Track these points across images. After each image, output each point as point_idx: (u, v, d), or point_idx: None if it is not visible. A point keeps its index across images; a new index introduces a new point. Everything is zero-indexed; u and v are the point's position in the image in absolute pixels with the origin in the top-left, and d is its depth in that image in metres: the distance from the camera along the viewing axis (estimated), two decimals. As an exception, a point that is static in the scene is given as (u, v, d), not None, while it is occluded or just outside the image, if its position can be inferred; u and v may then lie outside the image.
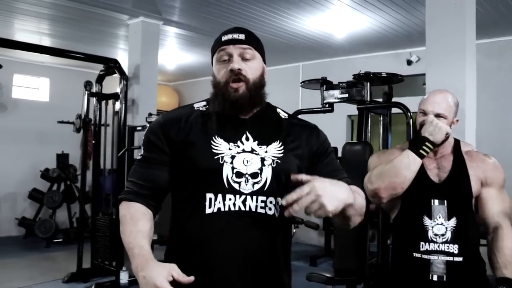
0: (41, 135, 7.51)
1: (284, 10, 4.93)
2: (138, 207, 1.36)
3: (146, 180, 1.38)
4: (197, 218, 1.32)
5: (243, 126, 1.39)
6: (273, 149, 1.37)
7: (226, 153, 1.33)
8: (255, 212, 1.32)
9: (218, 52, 1.39)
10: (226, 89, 1.36)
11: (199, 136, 1.37)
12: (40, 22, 5.71)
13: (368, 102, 2.83)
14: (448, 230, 1.90)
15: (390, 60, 6.50)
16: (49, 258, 6.05)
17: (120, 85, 4.98)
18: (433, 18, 2.96)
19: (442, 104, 1.96)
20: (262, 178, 1.33)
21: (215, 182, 1.31)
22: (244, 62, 1.37)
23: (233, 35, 1.39)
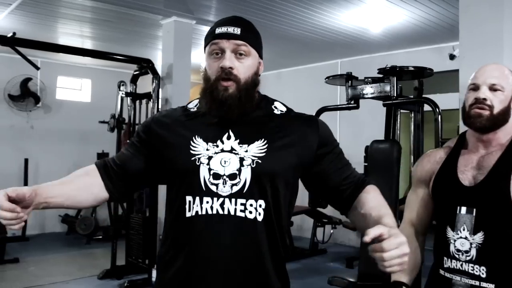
0: (83, 135, 7.71)
1: (316, 5, 4.81)
2: (92, 169, 1.37)
3: (121, 160, 1.39)
4: (179, 221, 1.28)
5: (228, 125, 1.31)
6: (254, 148, 1.28)
7: (203, 154, 1.27)
8: (234, 216, 1.24)
9: (210, 45, 1.31)
10: (216, 87, 1.28)
11: (179, 136, 1.32)
12: (82, 26, 5.87)
13: (395, 98, 2.68)
14: (473, 247, 1.53)
15: (431, 55, 6.23)
16: (88, 255, 6.20)
17: (152, 85, 5.01)
18: (467, 7, 2.77)
19: (495, 72, 1.58)
20: (241, 180, 1.25)
21: (193, 184, 1.26)
22: (237, 59, 1.29)
23: (228, 28, 1.29)
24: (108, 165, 1.38)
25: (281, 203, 1.31)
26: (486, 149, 1.62)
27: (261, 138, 1.29)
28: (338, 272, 5.45)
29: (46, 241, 6.93)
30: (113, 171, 1.37)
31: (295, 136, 1.33)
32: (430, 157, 1.77)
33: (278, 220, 1.30)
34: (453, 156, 1.68)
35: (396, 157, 2.56)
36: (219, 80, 1.27)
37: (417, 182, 1.78)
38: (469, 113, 1.60)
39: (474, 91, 1.61)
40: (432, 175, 1.72)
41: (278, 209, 1.30)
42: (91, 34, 6.30)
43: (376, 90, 2.73)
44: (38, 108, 7.48)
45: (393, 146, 2.60)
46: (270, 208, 1.27)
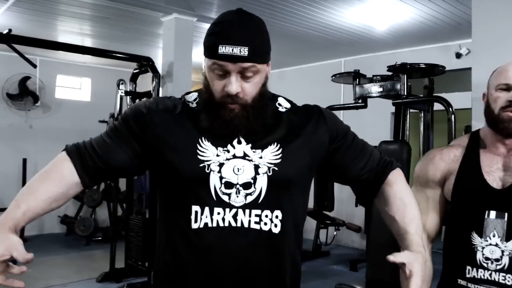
0: (83, 134, 7.29)
1: (321, 2, 4.69)
2: (66, 167, 1.18)
3: (102, 150, 1.19)
4: (183, 233, 1.15)
5: (237, 127, 1.17)
6: (269, 153, 1.17)
7: (213, 160, 1.14)
8: (248, 228, 1.12)
9: (212, 64, 1.12)
10: (220, 107, 1.14)
11: (184, 137, 1.17)
12: (82, 23, 5.77)
13: (405, 97, 2.56)
14: (506, 255, 1.42)
15: (437, 54, 6.10)
16: (87, 257, 6.09)
17: (152, 84, 4.90)
18: (480, 4, 2.65)
19: None
20: (256, 189, 1.13)
21: (201, 194, 1.13)
22: (244, 80, 1.13)
23: (234, 48, 1.08)
24: (84, 154, 1.19)
25: (297, 212, 1.21)
26: (507, 150, 1.53)
27: (273, 142, 1.18)
28: (342, 275, 5.34)
29: (44, 242, 6.82)
30: (92, 161, 1.18)
31: (306, 134, 1.23)
32: (442, 155, 1.63)
33: (295, 231, 1.20)
34: (472, 155, 1.56)
35: (406, 158, 2.45)
36: (223, 103, 1.14)
37: (427, 182, 1.64)
38: (501, 116, 1.49)
39: (507, 92, 1.50)
40: (447, 174, 1.59)
41: (294, 219, 1.20)
42: (90, 32, 6.20)
43: (385, 89, 2.62)
44: (36, 107, 7.37)
45: (402, 147, 2.48)
46: (286, 218, 1.16)
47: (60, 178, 1.17)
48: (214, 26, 1.16)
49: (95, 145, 1.20)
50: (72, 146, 1.21)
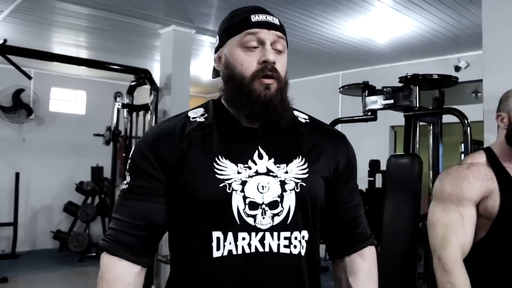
0: (77, 148, 7.49)
1: (321, 14, 4.65)
2: (121, 271, 1.03)
3: (138, 218, 1.05)
4: (203, 263, 1.02)
5: (254, 139, 1.08)
6: (295, 168, 1.06)
7: (234, 178, 1.02)
8: (278, 253, 1.01)
9: (245, 35, 1.06)
10: (254, 86, 1.04)
11: (198, 156, 1.05)
12: (78, 35, 5.70)
13: (417, 109, 2.49)
14: None
15: (436, 67, 6.08)
16: (81, 273, 5.93)
17: (150, 96, 4.82)
18: (491, 11, 2.59)
19: None
20: (284, 208, 1.02)
21: (223, 217, 1.01)
22: (276, 55, 1.07)
23: (266, 16, 1.07)
24: (124, 239, 1.05)
25: (318, 230, 1.12)
26: None
27: (298, 156, 1.08)
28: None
29: (37, 259, 6.66)
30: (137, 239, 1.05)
31: (329, 152, 1.14)
32: (475, 173, 1.59)
33: (317, 250, 1.11)
34: (503, 173, 1.56)
35: (417, 172, 2.37)
36: (258, 77, 1.04)
37: (461, 200, 1.58)
38: None
39: None
40: (485, 193, 1.56)
41: (317, 238, 1.11)
42: (86, 44, 6.12)
43: (396, 100, 2.54)
44: (30, 120, 7.24)
45: (414, 161, 2.40)
46: (311, 238, 1.07)
47: (121, 284, 1.03)
48: (233, 11, 1.14)
49: (127, 218, 1.06)
50: (108, 240, 1.06)
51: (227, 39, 1.10)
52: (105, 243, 1.06)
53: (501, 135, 1.64)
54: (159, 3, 4.56)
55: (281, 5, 4.44)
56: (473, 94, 6.58)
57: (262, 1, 4.34)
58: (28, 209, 7.19)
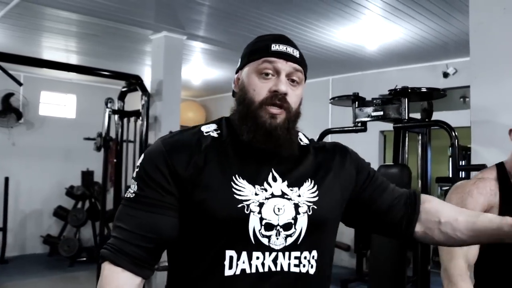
0: (67, 152, 7.46)
1: (312, 21, 4.69)
2: (123, 282, 1.02)
3: (145, 229, 1.03)
4: (212, 280, 1.03)
5: (267, 161, 1.10)
6: (306, 191, 1.09)
7: (252, 200, 1.03)
8: (288, 272, 1.04)
9: (262, 62, 1.09)
10: (261, 113, 1.07)
11: (215, 174, 1.05)
12: (68, 40, 5.68)
13: (406, 121, 2.54)
14: None
15: (425, 73, 6.17)
16: (71, 279, 5.92)
17: (141, 102, 4.82)
18: (478, 25, 2.65)
19: None
20: (296, 230, 1.05)
21: (239, 237, 1.02)
22: (290, 86, 1.09)
23: (287, 47, 1.10)
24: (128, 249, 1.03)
25: (330, 249, 1.15)
26: None
27: (308, 179, 1.11)
28: (333, 296, 5.26)
29: (26, 264, 6.62)
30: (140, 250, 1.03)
31: (336, 168, 1.18)
32: (479, 189, 1.66)
33: (328, 268, 1.14)
34: (509, 188, 1.62)
35: (406, 182, 2.42)
36: (266, 105, 1.07)
37: None
38: None
39: None
40: (488, 208, 1.62)
41: (328, 256, 1.14)
42: (76, 49, 6.11)
43: (386, 112, 2.59)
44: (20, 124, 7.21)
45: (403, 171, 2.45)
46: (322, 257, 1.10)
47: None
48: (259, 37, 1.17)
49: (133, 229, 1.04)
50: (111, 249, 1.03)
51: (247, 63, 1.13)
52: (108, 252, 1.03)
53: None
54: (150, 10, 4.58)
55: (272, 12, 4.47)
56: (461, 99, 6.67)
57: (254, 9, 4.39)
58: (17, 213, 7.14)
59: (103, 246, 1.06)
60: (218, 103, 9.15)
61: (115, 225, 1.07)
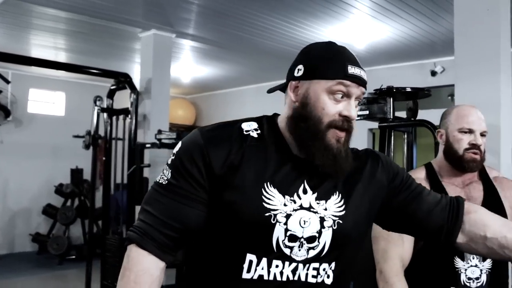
0: (56, 150, 7.43)
1: (300, 20, 4.72)
2: (149, 265, 1.04)
3: (173, 218, 1.05)
4: (229, 282, 1.04)
5: (301, 172, 1.08)
6: (333, 205, 1.08)
7: (280, 210, 1.03)
8: (305, 282, 1.05)
9: (337, 83, 1.05)
10: (328, 135, 1.05)
11: (248, 178, 1.04)
12: (56, 37, 5.66)
13: (391, 120, 2.57)
14: (484, 273, 1.63)
15: (413, 71, 6.22)
16: (60, 277, 5.91)
17: (130, 100, 4.82)
18: (462, 25, 2.69)
19: (482, 119, 1.73)
20: (320, 243, 1.05)
21: (261, 244, 1.03)
22: (355, 109, 1.09)
23: (361, 71, 1.08)
24: (155, 235, 1.04)
25: (353, 261, 1.15)
26: (463, 181, 1.75)
27: (335, 192, 1.09)
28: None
29: (15, 262, 6.60)
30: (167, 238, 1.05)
31: (365, 179, 1.15)
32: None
33: (347, 279, 1.15)
34: (439, 188, 1.69)
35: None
36: (333, 127, 1.06)
37: None
38: (464, 157, 1.70)
39: (469, 134, 1.71)
40: None
41: (349, 268, 1.14)
42: (65, 46, 6.09)
43: (371, 111, 2.62)
44: (8, 122, 7.16)
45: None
46: (340, 269, 1.10)
47: (149, 278, 1.04)
48: (330, 51, 1.11)
49: (162, 216, 1.05)
50: (138, 232, 1.05)
51: (318, 78, 1.08)
52: (135, 235, 1.05)
53: (441, 151, 1.80)
54: (139, 8, 4.57)
55: (262, 11, 4.49)
56: (449, 97, 6.72)
57: (243, 8, 4.40)
58: (6, 211, 7.11)
59: (130, 228, 1.08)
60: (208, 101, 9.14)
61: (143, 208, 1.09)
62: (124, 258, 1.07)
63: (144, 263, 1.04)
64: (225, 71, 7.22)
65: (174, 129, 6.94)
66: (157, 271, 1.05)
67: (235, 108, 8.08)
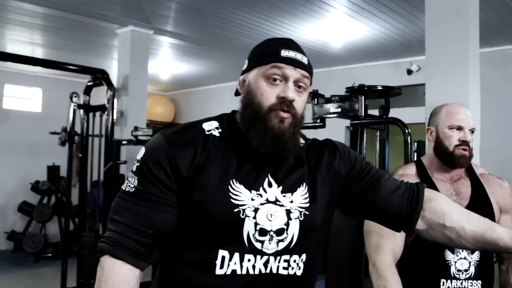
0: (33, 147, 7.32)
1: (278, 18, 4.75)
2: (125, 275, 1.04)
3: (145, 225, 1.05)
4: (203, 278, 1.06)
5: (265, 166, 1.11)
6: (299, 197, 1.11)
7: (248, 205, 1.06)
8: (276, 274, 1.08)
9: (271, 67, 1.09)
10: (269, 117, 1.08)
11: (214, 177, 1.06)
12: (33, 33, 5.58)
13: (363, 117, 2.62)
14: (472, 265, 1.72)
15: (390, 70, 6.30)
16: (36, 275, 5.84)
17: (107, 96, 4.80)
18: (433, 25, 2.75)
19: (470, 116, 1.82)
20: (288, 235, 1.08)
21: (233, 239, 1.05)
22: (297, 92, 1.11)
23: (296, 54, 1.11)
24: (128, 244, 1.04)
25: (319, 251, 1.18)
26: (452, 177, 1.82)
27: (301, 184, 1.13)
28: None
29: (-10, 260, 6.50)
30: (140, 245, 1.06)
31: (323, 170, 1.18)
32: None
33: (315, 270, 1.18)
34: (429, 184, 1.73)
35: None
36: (274, 110, 1.08)
37: None
38: (454, 153, 1.77)
39: (458, 131, 1.78)
40: None
41: (317, 259, 1.17)
42: (42, 42, 6.00)
43: (343, 109, 2.67)
44: (-18, 118, 7.04)
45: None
46: (310, 259, 1.13)
47: (127, 286, 1.04)
48: (268, 40, 1.17)
49: (133, 224, 1.05)
50: (110, 243, 1.05)
51: (255, 66, 1.13)
52: (107, 246, 1.05)
53: (430, 148, 1.86)
54: (116, 4, 4.55)
55: (240, 9, 4.51)
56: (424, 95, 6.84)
57: (222, 5, 4.41)
58: (-20, 209, 7.00)
59: (100, 240, 1.08)
60: (187, 98, 9.12)
61: (112, 218, 1.08)
62: (98, 270, 1.06)
63: (120, 273, 1.04)
64: (204, 68, 7.22)
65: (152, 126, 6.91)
66: (133, 280, 1.06)
67: (214, 105, 8.07)
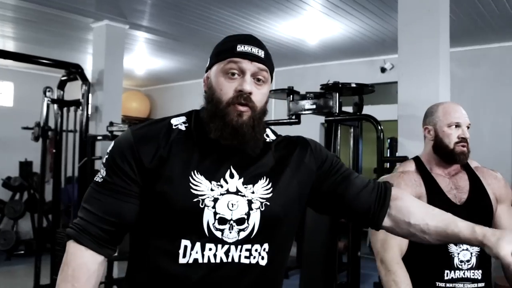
0: (4, 142, 7.17)
1: (254, 15, 4.78)
2: (86, 260, 1.11)
3: (109, 213, 1.12)
4: (168, 267, 1.10)
5: (228, 159, 1.15)
6: (260, 188, 1.15)
7: (207, 195, 1.10)
8: (238, 263, 1.11)
9: (228, 62, 1.14)
10: (228, 111, 1.12)
11: (176, 168, 1.12)
12: (4, 25, 5.46)
13: (337, 114, 2.68)
14: (473, 256, 1.78)
15: (364, 68, 6.41)
16: (8, 273, 5.75)
17: (81, 91, 4.74)
18: (405, 25, 2.82)
19: (466, 116, 1.89)
20: (249, 225, 1.11)
21: (193, 228, 1.09)
22: (255, 85, 1.14)
23: (252, 48, 1.15)
24: (92, 231, 1.11)
25: (285, 243, 1.21)
26: (450, 172, 1.87)
27: (263, 177, 1.16)
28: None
29: (-40, 258, 6.36)
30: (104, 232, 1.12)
31: (293, 164, 1.21)
32: (406, 181, 1.84)
33: (281, 261, 1.21)
34: (430, 179, 1.84)
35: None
36: (233, 104, 1.12)
37: None
38: (455, 150, 1.83)
39: (456, 128, 1.84)
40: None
41: (283, 250, 1.21)
42: (13, 35, 5.88)
43: (318, 106, 2.72)
44: (-49, 112, 6.86)
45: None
46: (273, 250, 1.16)
47: (86, 272, 1.10)
48: (227, 37, 1.22)
49: (98, 212, 1.12)
50: (76, 228, 1.12)
51: (214, 63, 1.18)
52: (73, 231, 1.12)
53: (428, 145, 1.91)
54: (91, -2, 4.50)
55: (216, 5, 4.52)
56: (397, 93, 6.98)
57: (197, 1, 4.41)
58: (-51, 206, 6.82)
59: (69, 225, 1.14)
60: (163, 93, 9.07)
61: (82, 206, 1.15)
62: (64, 254, 1.12)
63: (82, 258, 1.10)
64: (180, 64, 7.19)
65: (127, 121, 6.87)
66: (94, 265, 1.12)
67: (190, 101, 8.03)
